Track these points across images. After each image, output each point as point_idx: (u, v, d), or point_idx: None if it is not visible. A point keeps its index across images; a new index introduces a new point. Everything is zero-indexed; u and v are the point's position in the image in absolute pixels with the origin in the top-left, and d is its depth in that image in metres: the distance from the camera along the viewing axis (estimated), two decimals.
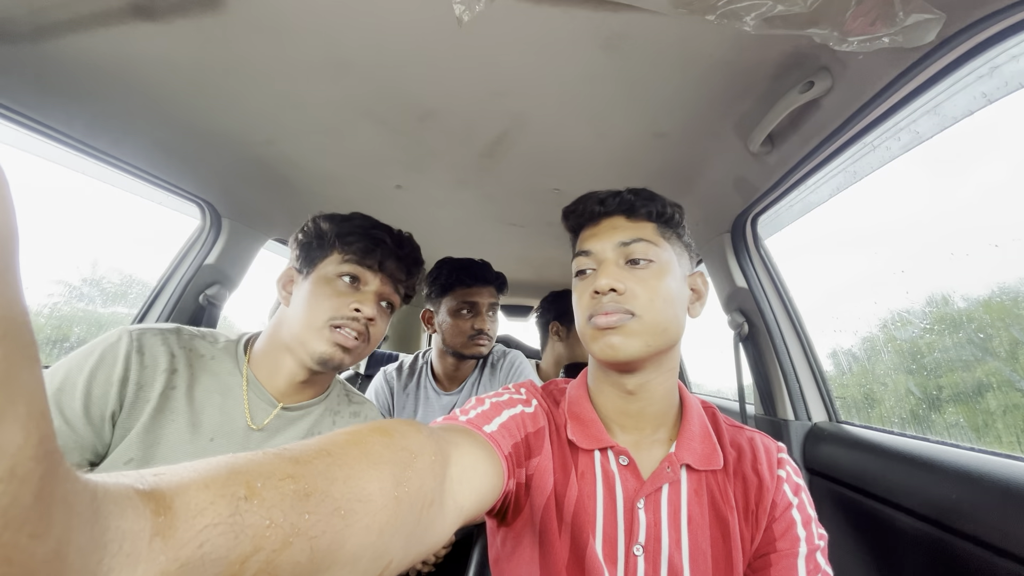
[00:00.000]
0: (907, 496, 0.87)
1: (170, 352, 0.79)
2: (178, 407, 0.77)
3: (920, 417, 1.12)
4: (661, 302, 0.65)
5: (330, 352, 0.83)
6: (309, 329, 0.82)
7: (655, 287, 0.65)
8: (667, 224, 0.71)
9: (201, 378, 0.81)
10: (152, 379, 0.75)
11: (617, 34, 0.83)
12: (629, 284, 0.65)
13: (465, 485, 0.49)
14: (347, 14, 0.81)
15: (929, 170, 1.03)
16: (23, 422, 0.17)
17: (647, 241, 0.68)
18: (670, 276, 0.67)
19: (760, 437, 0.72)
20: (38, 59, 0.91)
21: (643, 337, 0.64)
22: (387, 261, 0.88)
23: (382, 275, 0.89)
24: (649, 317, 0.64)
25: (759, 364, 1.40)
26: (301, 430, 0.89)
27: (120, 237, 1.68)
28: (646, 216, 0.70)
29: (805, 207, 1.28)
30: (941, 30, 0.65)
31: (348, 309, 0.83)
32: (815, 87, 0.86)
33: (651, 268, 0.67)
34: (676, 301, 0.67)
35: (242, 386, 0.84)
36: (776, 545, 0.63)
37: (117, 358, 0.74)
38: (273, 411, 0.86)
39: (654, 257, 0.67)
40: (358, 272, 0.86)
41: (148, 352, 0.76)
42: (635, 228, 0.69)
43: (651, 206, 0.70)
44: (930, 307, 1.09)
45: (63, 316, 1.52)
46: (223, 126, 1.18)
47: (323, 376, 0.91)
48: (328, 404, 0.95)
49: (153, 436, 0.74)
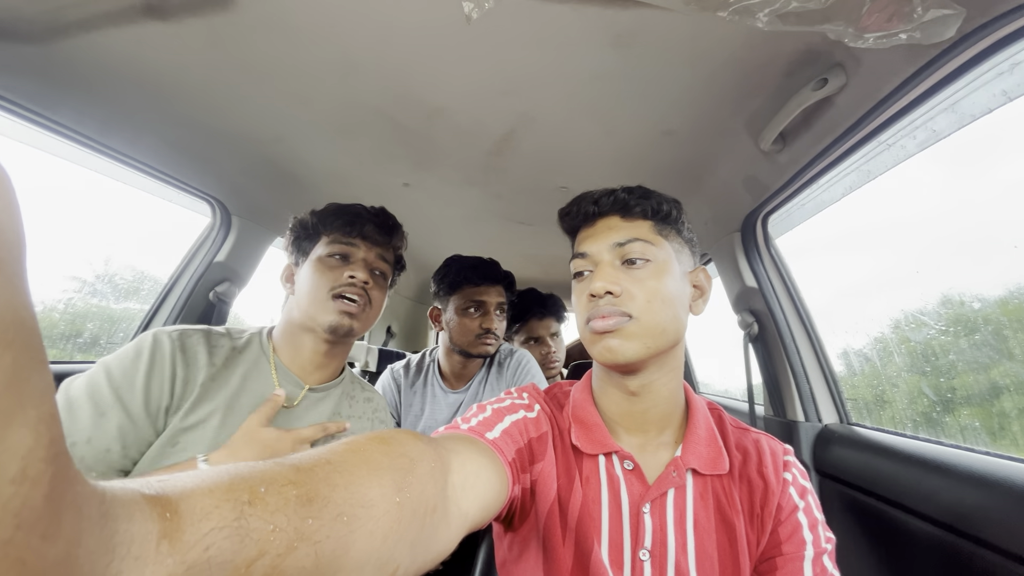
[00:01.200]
0: (920, 500, 0.86)
1: (207, 348, 0.87)
2: (216, 395, 0.84)
3: (934, 420, 1.10)
4: (659, 302, 0.64)
5: (338, 320, 0.90)
6: (315, 304, 0.90)
7: (653, 287, 0.64)
8: (664, 221, 0.70)
9: (236, 367, 0.89)
10: (195, 374, 0.83)
11: (627, 31, 0.82)
12: (626, 285, 0.64)
13: (468, 492, 0.49)
14: (356, 13, 0.81)
15: (946, 169, 1.01)
16: (33, 425, 0.17)
17: (643, 240, 0.67)
18: (668, 275, 0.66)
19: (766, 439, 0.72)
20: (52, 59, 0.92)
21: (641, 339, 0.63)
22: (366, 228, 0.97)
23: (366, 243, 0.97)
24: (647, 318, 0.63)
25: (769, 364, 1.39)
26: (326, 411, 0.96)
27: (133, 234, 1.70)
28: (642, 214, 0.69)
29: (817, 206, 1.26)
30: (961, 26, 0.63)
31: (344, 277, 0.91)
32: (828, 84, 0.84)
33: (648, 268, 0.66)
34: (675, 300, 0.66)
35: (271, 371, 0.91)
36: (782, 548, 0.63)
37: (165, 358, 0.81)
38: (302, 392, 0.93)
39: (651, 256, 0.66)
40: (344, 249, 0.95)
41: (189, 351, 0.84)
42: (631, 227, 0.68)
43: (646, 204, 0.68)
44: (945, 308, 1.08)
45: (76, 312, 1.54)
46: (233, 125, 1.19)
47: (341, 350, 0.99)
48: (344, 388, 1.02)
49: (191, 421, 0.80)
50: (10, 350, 0.16)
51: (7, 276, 0.17)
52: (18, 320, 0.17)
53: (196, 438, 0.79)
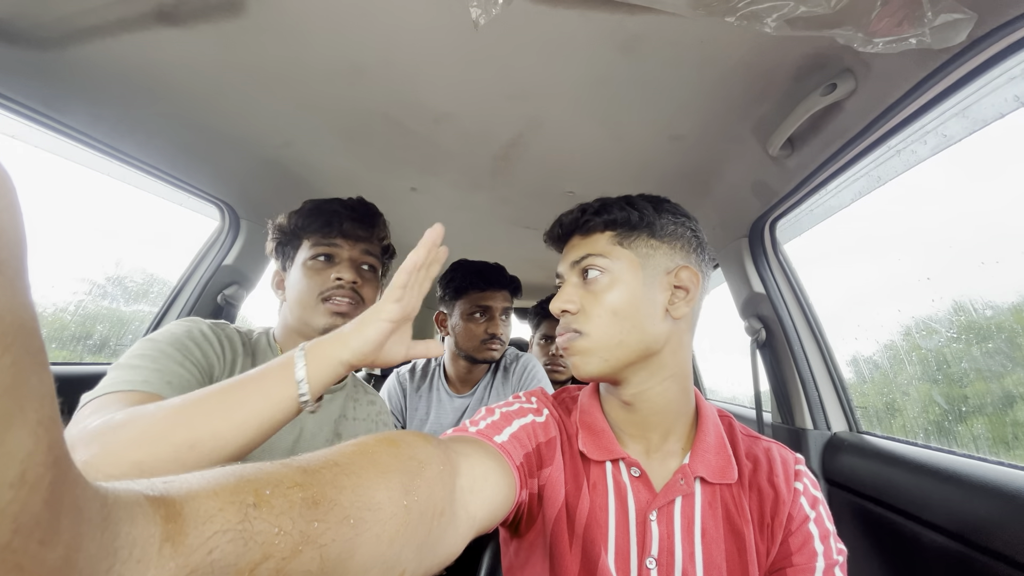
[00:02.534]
0: (931, 511, 0.84)
1: (240, 338, 0.89)
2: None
3: (945, 429, 1.09)
4: (610, 315, 0.64)
5: (330, 322, 0.90)
6: (306, 309, 0.91)
7: (605, 301, 0.65)
8: (628, 227, 0.68)
9: (255, 360, 0.90)
10: (236, 358, 0.86)
11: (634, 36, 0.82)
12: (583, 302, 0.66)
13: (477, 495, 0.48)
14: (364, 18, 0.81)
15: (957, 174, 1.00)
16: (32, 428, 0.17)
17: (595, 255, 0.67)
18: (622, 285, 0.65)
19: (777, 448, 0.70)
20: (66, 64, 0.93)
21: (596, 354, 0.65)
22: (345, 225, 0.95)
23: (348, 241, 0.96)
24: (597, 333, 0.64)
25: (777, 371, 1.37)
26: (334, 412, 0.97)
27: (143, 237, 1.72)
28: (600, 227, 0.69)
29: (826, 212, 1.25)
30: (972, 30, 0.63)
31: (330, 280, 0.91)
32: (837, 89, 0.84)
33: (601, 281, 0.66)
34: (635, 309, 0.64)
35: None
36: (792, 560, 0.62)
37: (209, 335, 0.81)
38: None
39: (604, 267, 0.66)
40: (326, 249, 0.94)
41: (229, 334, 0.87)
42: (586, 244, 0.69)
43: (599, 218, 0.68)
44: (957, 315, 1.06)
45: (87, 314, 1.56)
46: (242, 129, 1.20)
47: None
48: (347, 391, 1.03)
49: None
50: (10, 352, 0.16)
51: (8, 278, 0.16)
52: (18, 322, 0.17)
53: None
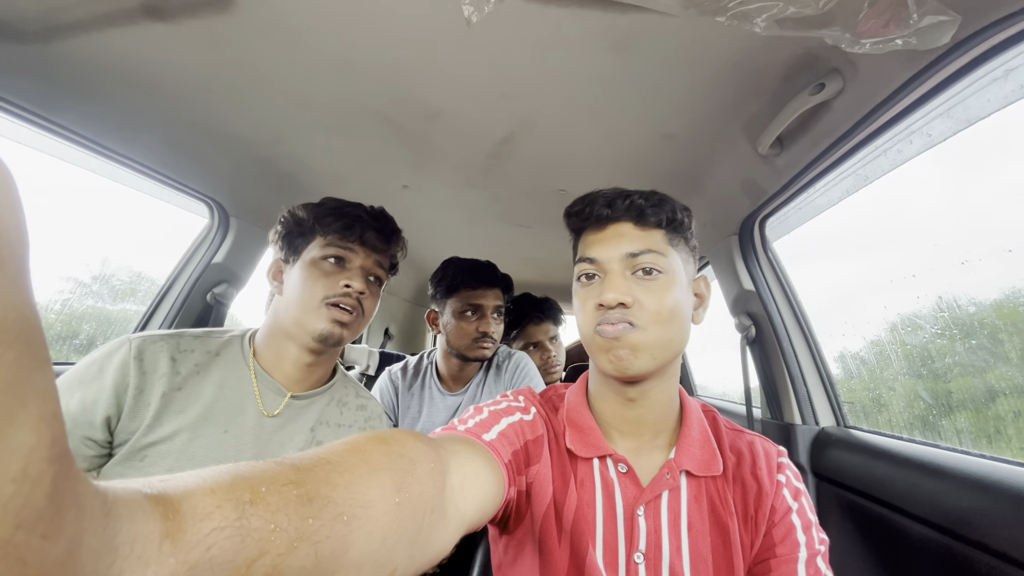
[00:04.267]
0: (917, 503, 0.86)
1: (170, 356, 0.81)
2: (186, 405, 0.79)
3: (930, 423, 1.11)
4: (668, 316, 0.63)
5: (329, 328, 0.86)
6: (306, 311, 0.86)
7: (663, 301, 0.63)
8: (676, 230, 0.68)
9: (209, 375, 0.84)
10: (151, 383, 0.78)
11: (626, 35, 0.82)
12: (637, 296, 0.63)
13: (467, 493, 0.49)
14: (356, 15, 0.81)
15: (941, 173, 1.02)
16: (35, 424, 0.17)
17: (656, 252, 0.64)
18: (677, 287, 0.65)
19: (760, 441, 0.72)
20: (51, 59, 0.91)
21: (650, 352, 0.62)
22: (366, 234, 0.92)
23: (364, 249, 0.92)
24: (656, 331, 0.62)
25: (766, 367, 1.39)
26: (310, 419, 0.91)
27: (129, 235, 1.69)
28: (656, 223, 0.66)
29: (814, 210, 1.27)
30: (956, 32, 0.64)
31: (339, 286, 0.87)
32: (826, 89, 0.85)
33: (660, 280, 0.64)
34: (683, 312, 0.65)
35: (251, 378, 0.87)
36: (776, 551, 0.63)
37: (112, 367, 0.77)
38: (284, 400, 0.89)
39: (663, 268, 0.64)
40: (341, 252, 0.90)
41: (147, 358, 0.79)
42: (644, 237, 0.66)
43: (661, 212, 0.66)
44: (941, 311, 1.08)
45: (73, 313, 1.53)
46: (232, 126, 1.19)
47: (326, 359, 0.94)
48: (333, 394, 0.97)
49: (157, 435, 0.76)
50: (12, 349, 0.16)
51: (10, 275, 0.16)
52: (20, 319, 0.17)
53: (165, 451, 0.76)
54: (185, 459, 0.76)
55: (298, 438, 0.88)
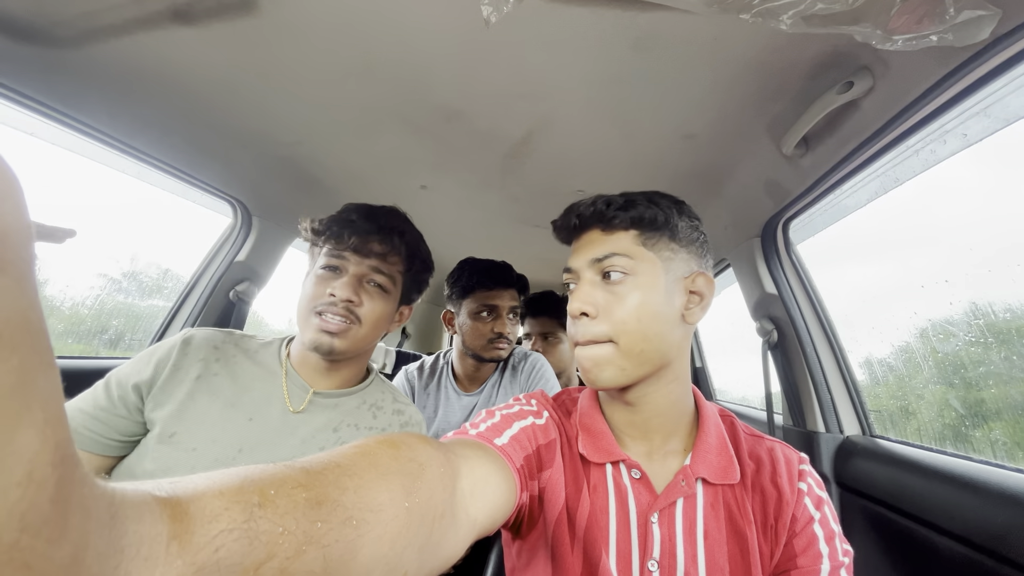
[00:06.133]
0: (948, 518, 0.82)
1: (214, 345, 0.88)
2: (218, 390, 0.85)
3: (962, 434, 1.07)
4: (636, 322, 0.61)
5: (317, 338, 0.87)
6: (300, 320, 0.90)
7: (631, 306, 0.61)
8: (653, 228, 0.65)
9: (245, 367, 0.90)
10: (190, 364, 0.85)
11: (647, 34, 0.81)
12: (604, 303, 0.63)
13: (477, 498, 0.48)
14: (376, 17, 0.81)
15: (979, 175, 0.98)
16: (40, 427, 0.17)
17: (621, 255, 0.63)
18: (650, 289, 0.63)
19: (781, 447, 0.69)
20: (83, 62, 0.95)
21: (615, 363, 0.62)
22: (356, 239, 0.90)
23: (356, 256, 0.90)
24: (623, 341, 0.61)
25: (788, 373, 1.36)
26: (335, 419, 0.92)
27: (158, 232, 1.74)
28: (625, 225, 0.65)
29: (840, 212, 1.23)
30: (995, 27, 0.61)
31: (324, 295, 0.88)
32: (854, 87, 0.82)
33: (626, 283, 0.63)
34: (659, 316, 0.62)
35: (281, 375, 0.92)
36: (797, 562, 0.61)
37: (164, 346, 0.86)
38: (307, 396, 0.92)
39: (629, 270, 0.63)
40: (334, 261, 0.90)
41: (193, 344, 0.87)
42: (610, 241, 0.65)
43: (626, 214, 0.65)
44: (976, 319, 1.04)
45: (103, 309, 1.58)
46: (255, 127, 1.21)
47: (346, 365, 0.95)
48: (365, 397, 0.98)
49: (191, 413, 0.82)
50: (17, 352, 0.16)
51: (14, 278, 0.16)
52: (25, 321, 0.17)
53: (193, 430, 0.80)
54: (209, 440, 0.80)
55: (321, 436, 0.89)
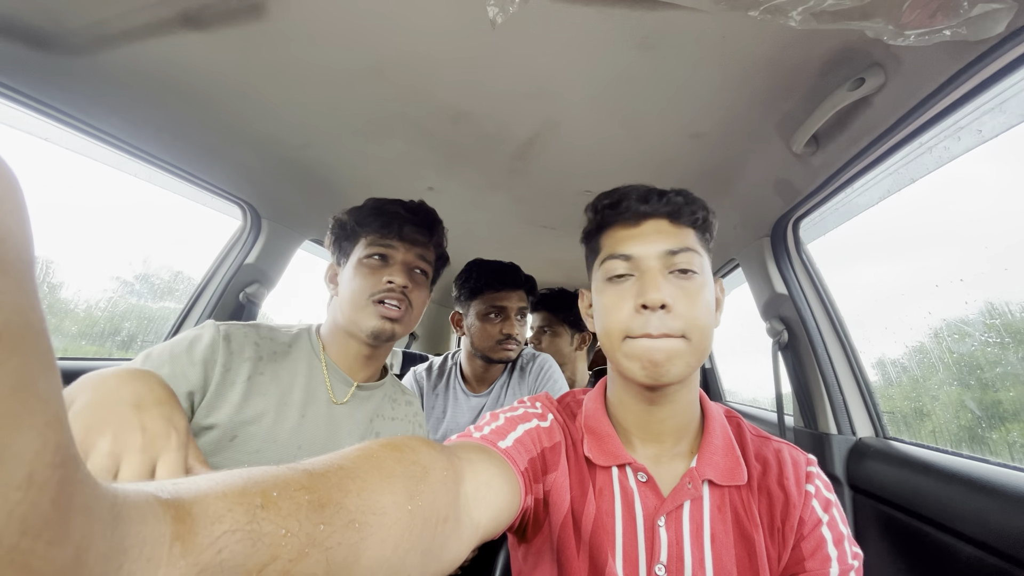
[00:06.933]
0: (964, 521, 0.81)
1: (254, 343, 0.88)
2: (268, 390, 0.85)
3: (978, 436, 1.05)
4: (706, 319, 0.61)
5: (380, 325, 0.90)
6: (357, 310, 0.91)
7: (700, 303, 0.61)
8: (705, 231, 0.67)
9: (286, 363, 0.90)
10: (239, 364, 0.84)
11: (654, 33, 0.81)
12: (677, 298, 0.60)
13: (480, 502, 0.48)
14: (383, 19, 0.82)
15: (995, 171, 0.96)
16: (40, 429, 0.17)
17: (692, 251, 0.63)
18: (708, 289, 0.64)
19: (788, 449, 0.68)
20: (95, 68, 0.96)
21: (685, 358, 0.60)
22: (405, 228, 0.95)
23: (404, 244, 0.95)
24: (696, 337, 0.60)
25: (799, 374, 1.34)
26: (370, 410, 0.97)
27: (169, 235, 1.76)
28: (690, 222, 0.65)
29: (852, 210, 1.22)
30: (1011, 21, 0.60)
31: (382, 283, 0.91)
32: (866, 84, 0.81)
33: (696, 281, 0.62)
34: (712, 315, 0.64)
35: (322, 368, 0.93)
36: (805, 565, 0.60)
37: (203, 344, 0.82)
38: (351, 389, 0.95)
39: (698, 268, 0.63)
40: (382, 250, 0.94)
41: (235, 341, 0.85)
42: (680, 235, 0.64)
43: (695, 212, 0.65)
44: (992, 319, 1.02)
45: (116, 311, 1.60)
46: (264, 130, 1.22)
47: (382, 352, 0.99)
48: (386, 390, 1.03)
49: (247, 415, 0.82)
50: (17, 354, 0.16)
51: (14, 279, 0.16)
52: (25, 323, 0.16)
53: (253, 431, 0.81)
54: (270, 440, 0.82)
55: (361, 427, 0.94)
